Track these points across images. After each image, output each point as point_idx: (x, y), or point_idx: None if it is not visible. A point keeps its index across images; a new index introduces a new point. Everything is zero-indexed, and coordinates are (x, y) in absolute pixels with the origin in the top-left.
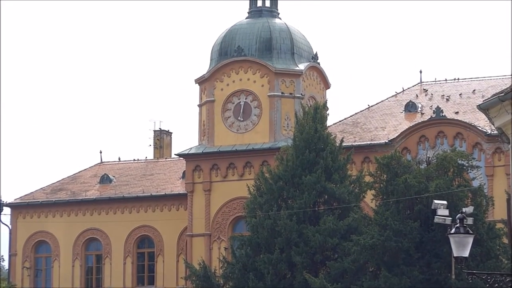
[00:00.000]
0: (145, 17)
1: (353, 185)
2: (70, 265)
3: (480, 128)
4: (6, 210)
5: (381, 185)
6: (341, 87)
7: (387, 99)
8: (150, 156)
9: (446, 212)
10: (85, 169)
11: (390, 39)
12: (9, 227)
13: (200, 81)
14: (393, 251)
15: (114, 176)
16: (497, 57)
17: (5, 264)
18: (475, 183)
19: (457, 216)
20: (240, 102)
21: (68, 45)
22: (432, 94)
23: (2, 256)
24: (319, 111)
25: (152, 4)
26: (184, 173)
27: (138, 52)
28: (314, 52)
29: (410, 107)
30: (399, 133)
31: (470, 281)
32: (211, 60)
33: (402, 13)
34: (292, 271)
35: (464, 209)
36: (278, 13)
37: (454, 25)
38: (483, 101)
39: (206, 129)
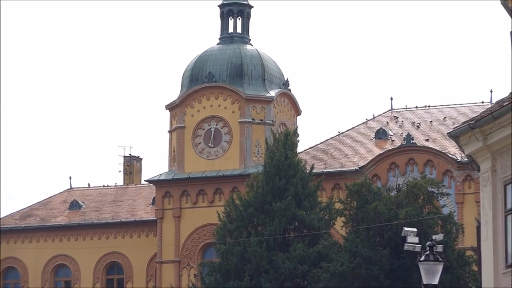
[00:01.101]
0: (115, 42)
1: (323, 212)
2: None
3: (450, 156)
4: None
5: (351, 212)
6: (312, 114)
7: (357, 126)
8: (120, 182)
9: (416, 239)
10: (54, 195)
11: (361, 66)
12: None
13: (171, 107)
14: (363, 278)
15: (83, 202)
16: (467, 85)
17: None
18: (445, 211)
19: (427, 244)
20: (210, 128)
21: (36, 70)
22: (402, 121)
23: None
24: (289, 138)
25: (122, 30)
26: (154, 199)
27: (108, 78)
28: (285, 79)
29: (381, 134)
30: (369, 160)
31: None
32: (182, 86)
33: (373, 40)
34: None
35: (434, 237)
36: (249, 39)
37: (425, 52)
38: (454, 128)
39: (176, 155)
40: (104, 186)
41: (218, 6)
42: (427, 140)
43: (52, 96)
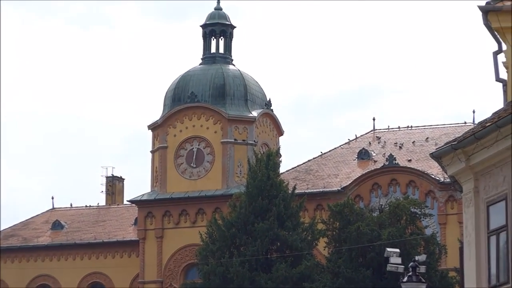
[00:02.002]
0: (98, 63)
1: (305, 233)
2: None
3: (433, 176)
4: None
5: (334, 232)
6: (294, 134)
7: (340, 146)
8: (102, 202)
9: (398, 260)
10: (36, 215)
11: (343, 86)
12: None
13: (153, 127)
14: None
15: (66, 222)
16: (450, 106)
17: None
18: (428, 231)
19: (409, 265)
20: (193, 148)
21: (18, 90)
22: (385, 142)
23: None
24: (272, 158)
25: (105, 51)
26: (136, 219)
27: (90, 98)
28: (268, 99)
29: (363, 155)
30: (352, 181)
31: None
32: (164, 106)
33: (356, 60)
34: None
35: (416, 257)
36: (232, 60)
37: (407, 72)
38: (436, 149)
39: (158, 176)
40: (86, 206)
41: (201, 26)
42: (409, 160)
43: (35, 115)
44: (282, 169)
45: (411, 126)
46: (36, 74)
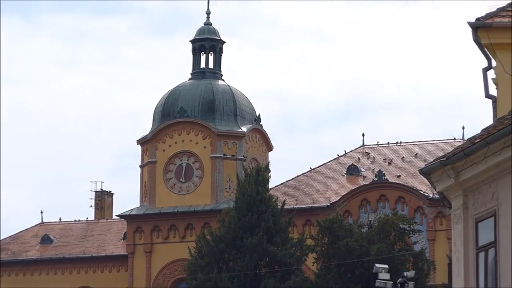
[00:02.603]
0: (87, 76)
1: (294, 248)
2: None
3: (422, 192)
4: None
5: (323, 248)
6: (284, 150)
7: (329, 162)
8: (91, 217)
9: (387, 276)
10: (25, 229)
11: (333, 102)
12: None
13: (142, 142)
14: None
15: (55, 237)
16: (439, 122)
17: None
18: (417, 247)
19: (398, 281)
20: (182, 163)
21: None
22: (374, 158)
23: None
24: (261, 174)
25: (95, 64)
26: (125, 234)
27: (79, 112)
28: (257, 114)
29: (352, 170)
30: (341, 196)
31: None
32: (153, 121)
33: (346, 76)
34: None
35: (405, 273)
36: (221, 75)
37: (396, 88)
38: (425, 165)
39: (147, 190)
40: (75, 220)
41: (190, 41)
42: (398, 176)
43: (24, 129)
44: (271, 184)
45: (401, 142)
46: (25, 91)
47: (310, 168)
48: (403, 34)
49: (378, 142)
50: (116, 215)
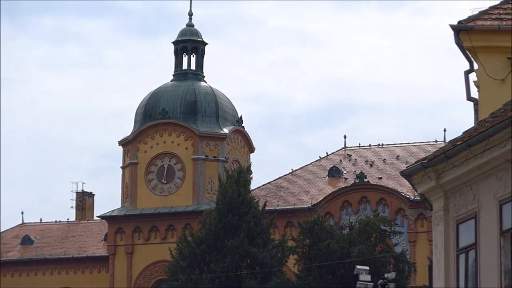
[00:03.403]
0: (68, 76)
1: (275, 249)
2: None
3: (403, 194)
4: None
5: (304, 249)
6: (265, 151)
7: (311, 163)
8: (72, 218)
9: (368, 277)
10: (6, 230)
11: (315, 104)
12: None
13: (124, 143)
14: None
15: (35, 238)
16: (421, 124)
17: None
18: (398, 249)
19: (379, 282)
20: (163, 164)
21: None
22: (356, 159)
23: None
24: (242, 175)
25: (77, 64)
26: (106, 235)
27: (61, 113)
28: (239, 116)
29: (334, 172)
30: (322, 198)
31: None
32: (135, 122)
33: (328, 78)
34: None
35: (386, 275)
36: (203, 76)
37: (378, 90)
38: (407, 167)
39: (129, 192)
40: (56, 221)
41: (173, 42)
42: (380, 178)
43: (4, 130)
44: (252, 185)
45: (382, 144)
46: (7, 91)
47: (292, 169)
48: (386, 37)
49: (359, 144)
50: (97, 216)
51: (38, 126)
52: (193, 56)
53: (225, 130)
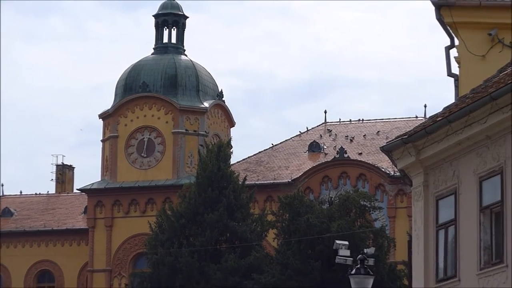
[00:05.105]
0: (50, 49)
1: (255, 224)
2: None
3: (383, 170)
4: None
5: (283, 224)
6: (246, 126)
7: (291, 138)
8: (52, 190)
9: (347, 252)
10: None
11: (296, 79)
12: None
13: (104, 116)
14: None
15: (15, 210)
16: (402, 100)
17: None
18: (377, 224)
19: (358, 257)
20: (143, 138)
21: None
22: (336, 135)
23: None
24: (222, 149)
25: (58, 37)
26: (86, 208)
27: (42, 85)
28: (219, 90)
29: (314, 147)
30: (302, 173)
31: None
32: (115, 95)
33: (308, 53)
34: None
35: (365, 250)
36: (184, 50)
37: (359, 66)
38: (387, 142)
39: (109, 165)
40: (36, 194)
41: (153, 16)
42: (360, 154)
43: None
44: (233, 160)
45: (363, 120)
46: None
47: (272, 144)
48: (369, 12)
49: (340, 120)
50: (77, 189)
51: (19, 99)
52: (174, 30)
53: (206, 104)
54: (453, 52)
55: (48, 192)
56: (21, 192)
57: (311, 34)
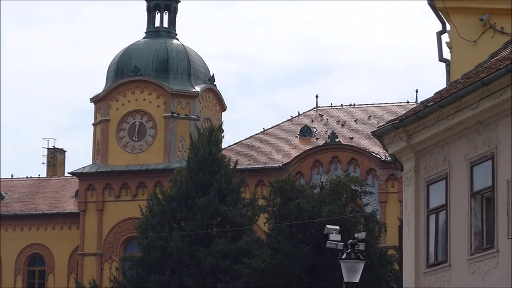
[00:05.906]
0: (42, 33)
1: (246, 208)
2: None
3: (374, 155)
4: None
5: (274, 208)
6: (237, 110)
7: (282, 123)
8: (43, 174)
9: (338, 237)
10: None
11: (287, 63)
12: None
13: (96, 100)
14: (284, 275)
15: (6, 193)
16: (393, 84)
17: None
18: (368, 209)
19: (348, 242)
20: (135, 122)
21: None
22: (327, 119)
23: None
24: (214, 134)
25: (49, 21)
26: (77, 192)
27: (33, 69)
28: (211, 74)
29: (305, 132)
30: (293, 157)
31: None
32: (107, 79)
33: (300, 37)
34: None
35: (356, 235)
36: (176, 34)
37: (351, 50)
38: (378, 127)
39: (100, 149)
40: (27, 177)
41: (145, 0)
42: (351, 138)
43: None
44: (224, 144)
45: (354, 104)
46: None
47: (263, 128)
48: None
49: (331, 104)
50: (68, 173)
51: (10, 82)
52: (165, 14)
53: (197, 88)
54: (445, 37)
55: (39, 175)
56: (12, 175)
57: (302, 18)
